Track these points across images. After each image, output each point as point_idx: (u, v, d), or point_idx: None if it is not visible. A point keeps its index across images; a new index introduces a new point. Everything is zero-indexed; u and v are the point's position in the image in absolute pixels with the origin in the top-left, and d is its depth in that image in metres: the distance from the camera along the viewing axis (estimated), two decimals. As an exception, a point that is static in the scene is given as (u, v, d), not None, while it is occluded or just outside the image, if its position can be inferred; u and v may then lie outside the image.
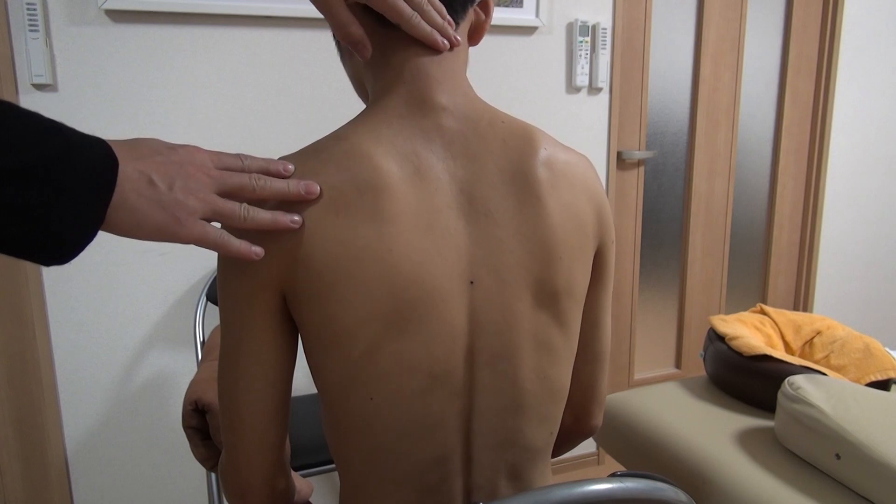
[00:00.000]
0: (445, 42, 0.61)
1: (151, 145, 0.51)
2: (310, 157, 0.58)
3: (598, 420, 0.80)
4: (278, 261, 0.56)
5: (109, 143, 0.48)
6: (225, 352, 0.61)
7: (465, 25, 0.67)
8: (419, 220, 0.58)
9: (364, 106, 0.69)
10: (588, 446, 2.20)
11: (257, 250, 0.55)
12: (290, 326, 0.61)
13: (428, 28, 0.60)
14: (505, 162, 0.62)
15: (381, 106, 0.62)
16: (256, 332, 0.59)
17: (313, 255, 0.56)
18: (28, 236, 0.45)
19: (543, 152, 0.63)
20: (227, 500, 0.67)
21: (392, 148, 0.59)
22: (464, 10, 0.65)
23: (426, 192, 0.58)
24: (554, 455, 0.76)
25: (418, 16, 0.59)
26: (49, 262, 0.47)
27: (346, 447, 0.62)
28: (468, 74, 0.68)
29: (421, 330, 0.58)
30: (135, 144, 0.50)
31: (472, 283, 0.60)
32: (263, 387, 0.60)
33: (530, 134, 0.64)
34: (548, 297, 0.62)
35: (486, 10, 0.68)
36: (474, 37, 0.69)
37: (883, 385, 1.25)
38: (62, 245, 0.46)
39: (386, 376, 0.58)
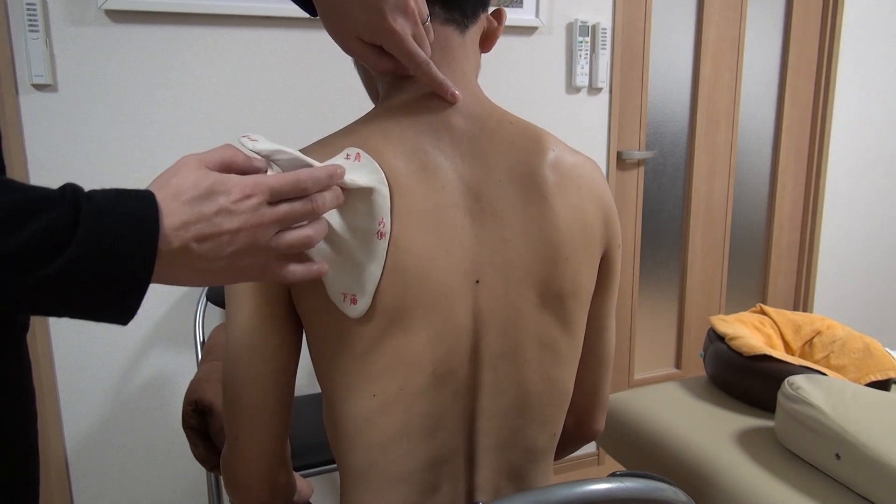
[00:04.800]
0: (456, 93, 0.62)
1: (198, 206, 0.46)
2: (317, 152, 0.59)
3: (601, 425, 0.80)
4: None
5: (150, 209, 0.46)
6: (230, 344, 0.61)
7: (477, 31, 0.67)
8: (425, 217, 0.58)
9: (372, 105, 0.70)
10: (588, 446, 2.20)
11: (320, 269, 0.53)
12: (295, 320, 0.61)
13: (441, 76, 0.61)
14: (512, 162, 0.62)
15: (391, 104, 0.63)
16: (261, 324, 0.59)
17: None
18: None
19: (551, 154, 0.63)
20: (228, 493, 0.67)
21: (400, 145, 0.59)
22: (475, 15, 0.65)
23: (433, 190, 0.59)
24: (555, 458, 0.76)
25: (431, 62, 0.60)
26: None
27: (348, 444, 0.62)
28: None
29: (424, 327, 0.58)
30: (176, 207, 0.46)
31: (477, 282, 0.60)
32: (267, 379, 0.61)
33: (538, 136, 0.64)
34: (553, 298, 0.62)
35: (499, 18, 0.69)
36: (486, 43, 0.69)
37: (883, 385, 1.25)
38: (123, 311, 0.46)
39: (389, 373, 0.58)
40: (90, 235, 0.43)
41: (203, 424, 1.00)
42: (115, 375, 1.56)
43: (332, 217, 0.55)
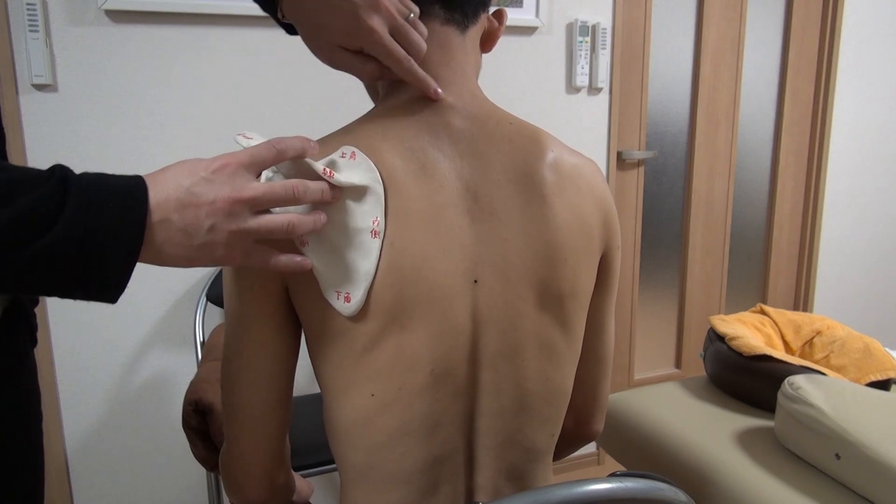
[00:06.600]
0: (437, 90, 0.62)
1: (178, 180, 0.48)
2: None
3: (600, 425, 0.80)
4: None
5: (136, 185, 0.47)
6: (229, 343, 0.61)
7: (478, 31, 0.67)
8: (423, 216, 0.58)
9: (372, 105, 0.70)
10: (588, 446, 2.20)
11: (303, 262, 0.54)
12: (294, 319, 0.61)
13: (422, 73, 0.61)
14: (512, 162, 0.62)
15: (391, 103, 0.63)
16: (260, 323, 0.59)
17: None
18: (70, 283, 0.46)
19: (551, 154, 0.63)
20: (227, 492, 0.67)
21: (399, 143, 0.59)
22: (475, 15, 0.65)
23: (431, 189, 0.59)
24: (555, 458, 0.76)
25: (412, 60, 0.60)
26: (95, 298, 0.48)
27: (347, 444, 0.62)
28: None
29: (423, 326, 0.58)
30: (160, 182, 0.48)
31: (475, 281, 0.60)
32: (266, 378, 0.61)
33: (538, 136, 0.64)
34: (552, 298, 0.62)
35: (500, 18, 0.69)
36: (487, 44, 0.69)
37: (883, 385, 1.25)
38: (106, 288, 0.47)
39: (387, 372, 0.58)
40: (79, 210, 0.43)
41: (203, 424, 1.00)
42: (115, 375, 1.56)
43: (326, 215, 0.56)
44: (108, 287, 0.46)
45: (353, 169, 0.56)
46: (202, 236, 0.48)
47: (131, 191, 0.46)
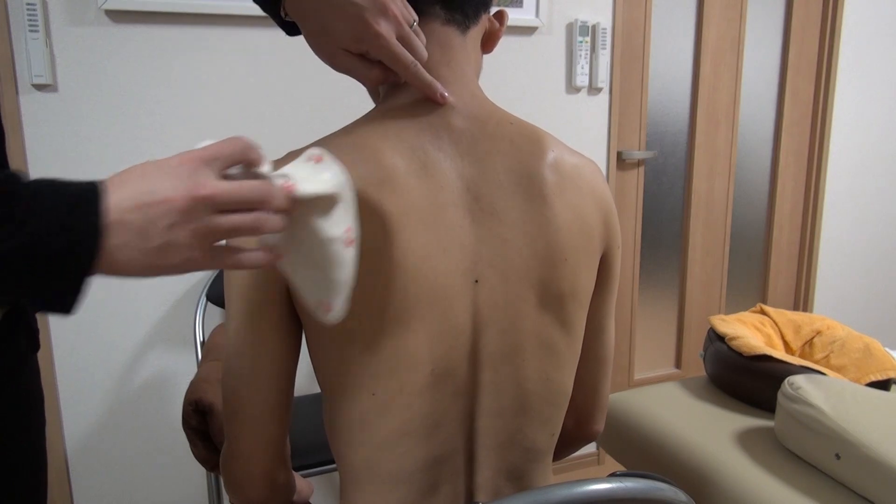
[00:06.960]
0: (444, 94, 0.62)
1: (135, 180, 0.45)
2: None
3: (600, 425, 0.80)
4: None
5: (93, 188, 0.44)
6: (229, 344, 0.61)
7: (479, 32, 0.67)
8: (424, 215, 0.58)
9: (373, 104, 0.70)
10: (588, 446, 2.20)
11: (264, 257, 0.50)
12: (294, 320, 0.61)
13: (429, 77, 0.61)
14: (512, 162, 0.62)
15: (392, 103, 0.63)
16: (261, 323, 0.59)
17: None
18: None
19: (551, 154, 0.63)
20: (228, 492, 0.67)
21: (399, 143, 0.59)
22: (476, 16, 0.66)
23: (432, 189, 0.59)
24: (555, 459, 0.76)
25: (418, 64, 0.60)
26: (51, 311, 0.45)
27: (348, 444, 0.62)
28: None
29: (423, 326, 0.58)
30: (118, 184, 0.45)
31: (476, 281, 0.60)
32: (266, 379, 0.61)
33: (538, 136, 0.64)
34: (552, 298, 0.62)
35: (501, 19, 0.69)
36: (487, 44, 0.69)
37: (883, 385, 1.25)
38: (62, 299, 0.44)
39: (387, 372, 0.58)
40: (28, 216, 0.41)
41: (203, 424, 1.00)
42: (115, 375, 1.56)
43: (293, 228, 0.51)
44: (61, 298, 0.43)
45: (317, 174, 0.51)
46: (159, 236, 0.44)
47: (84, 195, 0.42)
